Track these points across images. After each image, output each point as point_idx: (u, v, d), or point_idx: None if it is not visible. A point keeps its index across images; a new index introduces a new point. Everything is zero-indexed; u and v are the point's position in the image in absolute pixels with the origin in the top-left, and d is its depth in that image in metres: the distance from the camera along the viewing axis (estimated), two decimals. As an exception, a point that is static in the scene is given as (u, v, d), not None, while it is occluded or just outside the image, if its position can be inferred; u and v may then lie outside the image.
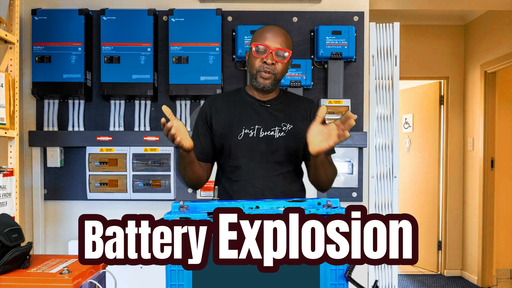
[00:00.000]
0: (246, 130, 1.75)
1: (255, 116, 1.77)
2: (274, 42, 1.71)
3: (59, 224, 2.93)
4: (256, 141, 1.74)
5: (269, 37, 1.72)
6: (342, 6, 2.91)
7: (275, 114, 1.78)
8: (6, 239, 1.55)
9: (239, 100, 1.82)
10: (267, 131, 1.75)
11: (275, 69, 1.72)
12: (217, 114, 1.80)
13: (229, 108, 1.80)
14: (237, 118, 1.77)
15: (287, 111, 1.80)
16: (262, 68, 1.72)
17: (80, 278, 1.54)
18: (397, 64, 2.84)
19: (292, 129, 1.77)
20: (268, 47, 1.70)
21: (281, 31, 1.75)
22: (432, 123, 5.06)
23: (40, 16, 2.73)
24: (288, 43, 1.75)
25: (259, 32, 1.76)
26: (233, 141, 1.75)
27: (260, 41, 1.72)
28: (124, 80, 2.71)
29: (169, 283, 1.29)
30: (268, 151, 1.74)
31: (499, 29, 4.30)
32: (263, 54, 1.71)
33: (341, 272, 1.28)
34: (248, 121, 1.76)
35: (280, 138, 1.75)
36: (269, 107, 1.79)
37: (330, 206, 1.33)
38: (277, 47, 1.71)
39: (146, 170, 2.79)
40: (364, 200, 2.88)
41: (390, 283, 2.83)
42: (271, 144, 1.74)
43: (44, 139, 2.78)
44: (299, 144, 1.77)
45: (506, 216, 4.64)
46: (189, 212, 1.32)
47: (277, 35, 1.72)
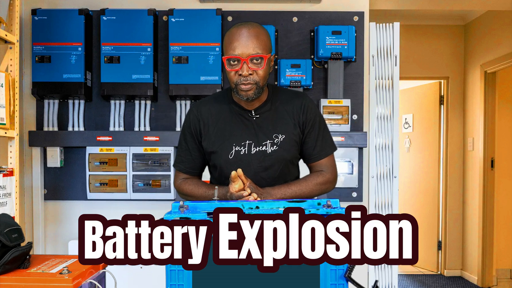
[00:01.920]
0: (236, 148, 1.64)
1: (245, 130, 1.65)
2: (247, 48, 1.52)
3: (59, 224, 2.93)
4: (248, 158, 1.64)
5: (239, 45, 1.52)
6: (342, 6, 2.91)
7: (265, 125, 1.66)
8: (6, 239, 1.55)
9: (226, 111, 1.68)
10: (258, 146, 1.64)
11: (254, 78, 1.55)
12: (205, 130, 1.68)
13: (217, 122, 1.67)
14: (227, 134, 1.65)
15: (278, 118, 1.67)
16: (240, 81, 1.54)
17: (80, 278, 1.53)
18: (397, 64, 2.84)
19: (285, 139, 1.66)
20: (240, 57, 1.52)
21: (252, 32, 1.54)
22: (432, 123, 5.06)
23: (40, 16, 2.73)
24: (262, 45, 1.54)
25: (227, 40, 1.57)
26: (223, 160, 1.65)
27: (230, 53, 1.53)
28: (124, 80, 2.71)
29: (169, 283, 1.29)
30: (262, 168, 1.65)
31: (499, 29, 4.30)
32: (236, 65, 1.54)
33: (341, 272, 1.28)
34: (238, 137, 1.65)
35: (273, 153, 1.64)
36: (258, 118, 1.66)
37: (330, 206, 1.33)
38: (251, 54, 1.52)
39: (146, 170, 2.79)
40: (364, 200, 2.88)
41: (390, 283, 2.83)
42: (264, 160, 1.65)
43: (44, 139, 2.78)
44: (293, 152, 1.70)
45: (506, 216, 4.63)
46: (189, 212, 1.32)
47: (248, 40, 1.52)
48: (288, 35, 2.90)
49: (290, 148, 1.68)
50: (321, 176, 1.70)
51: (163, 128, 2.89)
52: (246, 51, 1.52)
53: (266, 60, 1.56)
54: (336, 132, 2.76)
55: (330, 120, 2.78)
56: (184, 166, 1.76)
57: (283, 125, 1.67)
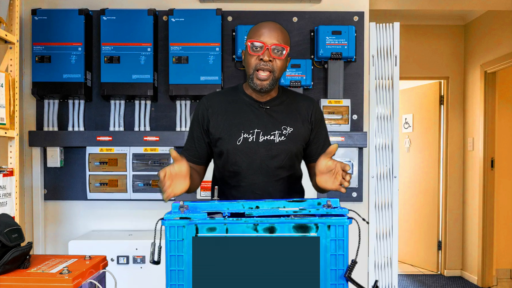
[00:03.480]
0: (245, 135, 1.68)
1: (254, 119, 1.70)
2: (270, 38, 1.63)
3: (59, 224, 2.93)
4: (255, 146, 1.68)
5: (265, 33, 1.64)
6: (342, 6, 2.91)
7: (274, 116, 1.71)
8: (6, 239, 1.55)
9: (237, 101, 1.74)
10: (267, 135, 1.69)
11: (273, 66, 1.65)
12: (214, 117, 1.72)
13: (227, 110, 1.73)
14: (236, 122, 1.70)
15: (287, 112, 1.74)
16: (259, 66, 1.64)
17: (80, 278, 1.53)
18: (397, 64, 2.84)
19: (293, 132, 1.71)
20: (264, 44, 1.63)
21: (277, 26, 1.68)
22: (432, 123, 5.06)
23: (40, 16, 2.73)
24: (285, 39, 1.67)
25: (254, 29, 1.69)
26: (231, 146, 1.69)
27: (255, 38, 1.65)
28: (124, 80, 2.71)
29: (169, 283, 1.29)
30: (268, 157, 1.68)
31: (499, 29, 4.30)
32: (259, 51, 1.64)
33: (341, 272, 1.28)
34: (247, 125, 1.69)
35: (280, 143, 1.69)
36: (268, 109, 1.72)
37: (330, 206, 1.33)
38: (274, 43, 1.63)
39: (146, 170, 2.79)
40: (364, 200, 2.87)
41: (390, 283, 2.83)
42: (271, 149, 1.68)
43: (44, 139, 2.78)
44: (299, 147, 1.74)
45: (506, 216, 4.64)
46: (189, 212, 1.33)
47: (273, 31, 1.65)
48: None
49: (297, 141, 1.72)
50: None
51: (163, 128, 2.89)
52: (270, 40, 1.64)
53: (286, 54, 1.67)
54: (336, 132, 2.76)
55: (330, 120, 2.78)
56: (188, 154, 1.78)
57: (292, 119, 1.73)
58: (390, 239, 2.82)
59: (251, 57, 1.65)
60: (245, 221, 1.28)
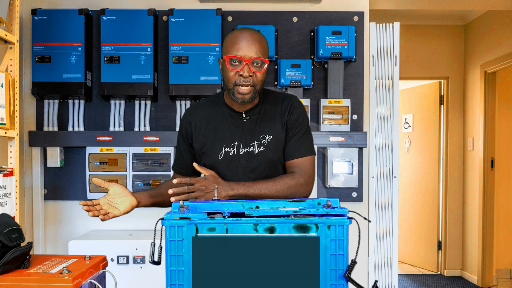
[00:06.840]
0: (226, 149, 1.68)
1: (235, 131, 1.69)
2: (249, 51, 1.57)
3: (59, 224, 2.93)
4: (237, 159, 1.67)
5: (243, 47, 1.57)
6: (342, 6, 2.91)
7: (253, 127, 1.69)
8: (6, 239, 1.55)
9: (217, 113, 1.72)
10: (246, 147, 1.67)
11: (253, 80, 1.59)
12: (196, 132, 1.72)
13: (208, 124, 1.71)
14: (218, 136, 1.69)
15: (268, 120, 1.70)
16: (239, 82, 1.58)
17: (80, 278, 1.53)
18: (397, 64, 2.84)
19: (272, 140, 1.68)
20: (243, 58, 1.57)
21: (255, 37, 1.60)
22: (432, 123, 5.06)
23: (40, 16, 2.73)
24: (264, 50, 1.61)
25: (231, 41, 1.61)
26: (213, 160, 1.69)
27: (233, 53, 1.58)
28: (124, 80, 2.71)
29: (169, 283, 1.29)
30: (249, 169, 1.68)
31: (499, 29, 4.30)
32: (238, 66, 1.58)
33: (341, 272, 1.28)
34: (227, 139, 1.68)
35: (259, 154, 1.67)
36: (248, 120, 1.69)
37: (330, 206, 1.33)
38: (253, 57, 1.57)
39: (146, 170, 2.79)
40: (364, 200, 2.87)
41: (390, 283, 2.83)
42: (251, 161, 1.67)
43: (44, 139, 2.78)
44: (279, 153, 1.70)
45: (506, 216, 4.64)
46: (189, 212, 1.32)
47: (251, 44, 1.58)
48: (288, 35, 2.90)
49: (276, 149, 1.69)
50: (291, 178, 1.66)
51: (163, 128, 2.89)
52: (248, 53, 1.58)
53: (266, 66, 1.61)
54: (336, 132, 2.76)
55: (330, 120, 2.78)
56: (177, 167, 1.83)
57: (271, 126, 1.69)
58: (390, 239, 2.82)
59: (229, 72, 1.60)
60: (245, 221, 1.28)
